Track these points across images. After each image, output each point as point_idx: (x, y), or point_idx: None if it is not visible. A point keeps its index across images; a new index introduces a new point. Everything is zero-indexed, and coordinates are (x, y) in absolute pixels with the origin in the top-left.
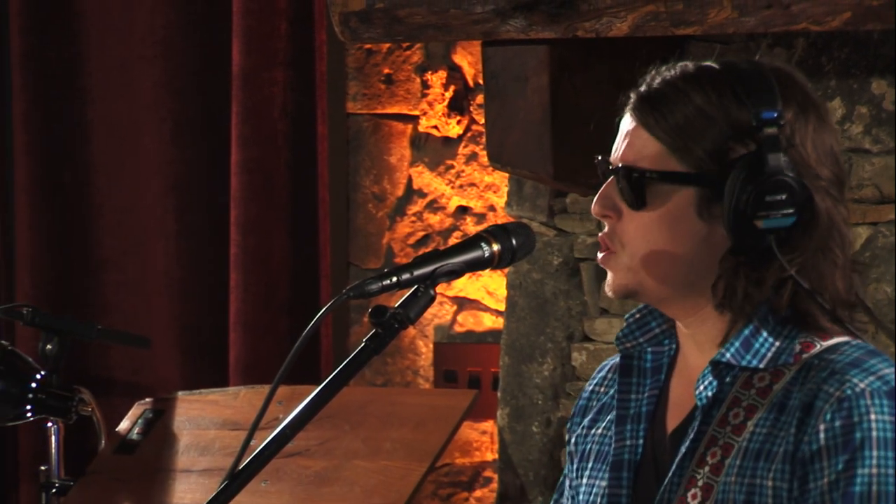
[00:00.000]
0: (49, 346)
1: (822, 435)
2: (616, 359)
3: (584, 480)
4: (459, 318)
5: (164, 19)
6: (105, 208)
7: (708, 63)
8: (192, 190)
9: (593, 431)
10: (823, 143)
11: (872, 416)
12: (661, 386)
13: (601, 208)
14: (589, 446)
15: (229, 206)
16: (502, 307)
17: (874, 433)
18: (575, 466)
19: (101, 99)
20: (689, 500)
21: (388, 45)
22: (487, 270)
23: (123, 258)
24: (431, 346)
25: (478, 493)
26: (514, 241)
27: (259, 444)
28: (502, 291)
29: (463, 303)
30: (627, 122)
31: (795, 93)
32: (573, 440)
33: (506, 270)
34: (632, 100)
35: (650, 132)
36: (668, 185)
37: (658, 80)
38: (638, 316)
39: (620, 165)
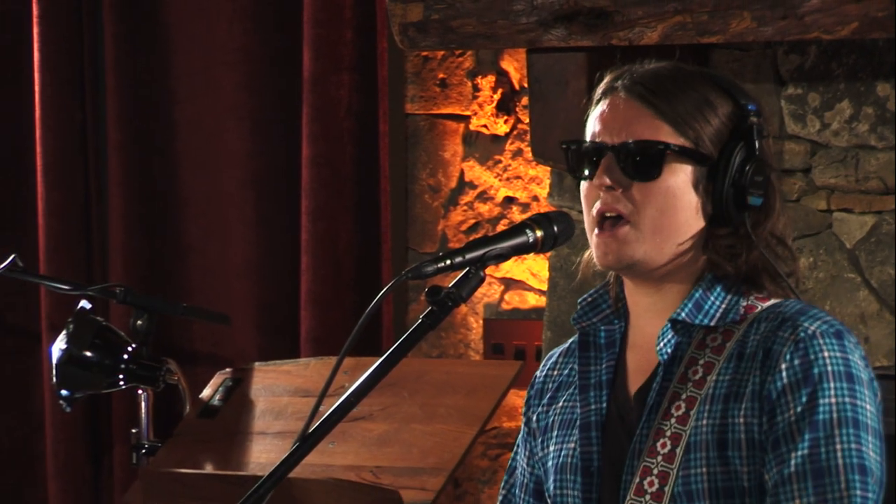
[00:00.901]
0: (139, 322)
1: (784, 374)
2: (563, 346)
3: (551, 448)
4: (506, 296)
5: (241, 28)
6: (190, 199)
7: (688, 65)
8: (267, 182)
9: (553, 407)
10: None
11: (826, 354)
12: (617, 358)
13: (610, 180)
14: (551, 419)
15: (300, 196)
16: (545, 287)
17: (829, 368)
18: (539, 441)
19: (186, 100)
20: (659, 448)
21: (442, 52)
22: (531, 254)
23: (206, 243)
24: (481, 321)
25: None
26: (555, 228)
27: (327, 409)
28: (545, 273)
29: (509, 283)
30: (622, 105)
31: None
32: (534, 418)
33: (548, 254)
34: (627, 84)
35: (658, 114)
36: (677, 161)
37: (650, 70)
38: (590, 299)
39: (633, 140)
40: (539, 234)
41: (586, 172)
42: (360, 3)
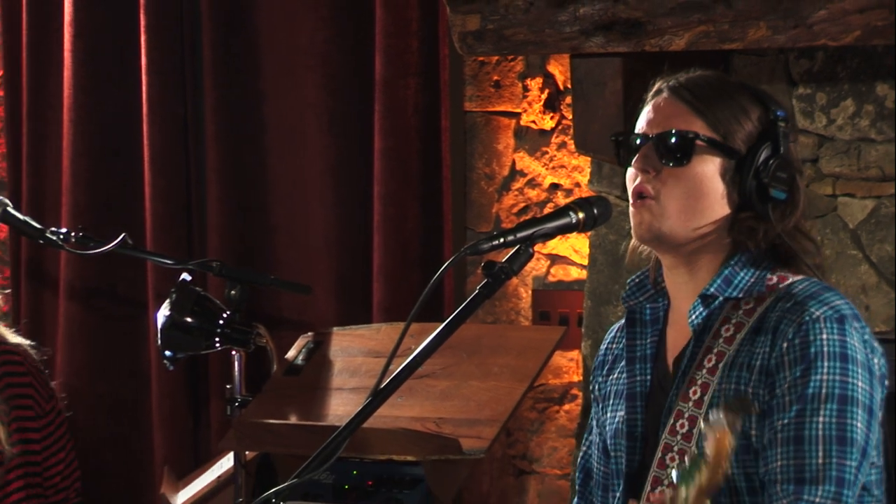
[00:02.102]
0: (233, 292)
1: (785, 351)
2: (621, 322)
3: (608, 415)
4: (552, 270)
5: (322, 36)
6: (276, 184)
7: (729, 77)
8: (344, 170)
9: (611, 378)
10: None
11: (824, 336)
12: (660, 334)
13: (644, 164)
14: (609, 389)
15: (373, 183)
16: (585, 262)
17: (825, 348)
18: (600, 407)
19: (273, 97)
20: (691, 395)
21: (496, 57)
22: (574, 233)
23: (291, 223)
24: (530, 292)
25: (566, 406)
26: (595, 211)
27: (396, 368)
28: (585, 249)
29: (555, 258)
30: (664, 104)
31: (782, 104)
32: (596, 388)
33: (588, 233)
34: (673, 86)
35: (694, 111)
36: (707, 151)
37: (694, 76)
38: (637, 281)
39: (668, 130)
40: (581, 215)
41: (628, 157)
42: (425, 15)
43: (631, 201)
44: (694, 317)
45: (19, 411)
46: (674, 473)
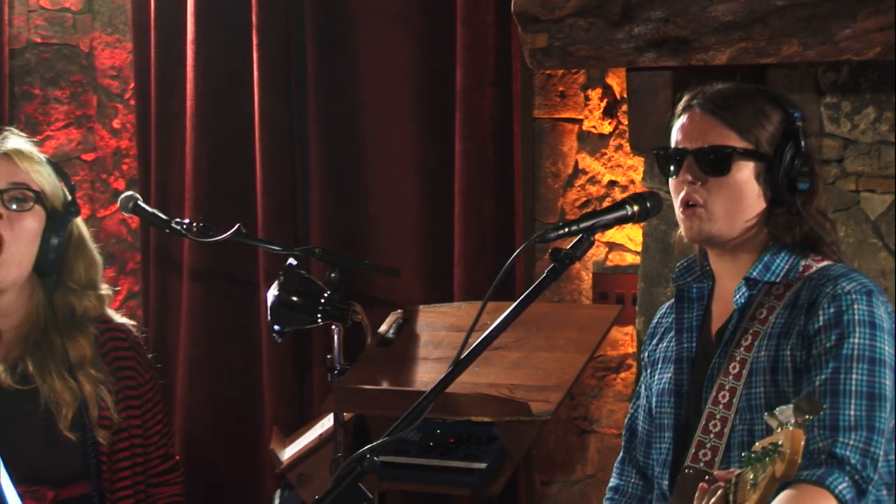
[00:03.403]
0: (333, 275)
1: (821, 318)
2: (671, 301)
3: (656, 378)
4: (610, 256)
5: (410, 53)
6: (371, 181)
7: (745, 83)
8: (429, 169)
9: (660, 346)
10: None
11: (855, 306)
12: (705, 308)
13: (690, 176)
14: (658, 356)
15: (454, 180)
16: (639, 249)
17: (856, 316)
18: (648, 372)
19: (368, 106)
20: (731, 370)
21: (561, 70)
22: (629, 224)
23: (383, 215)
24: (591, 275)
25: (622, 374)
26: (647, 204)
27: (474, 341)
28: (639, 238)
29: (612, 246)
30: (698, 119)
31: (797, 105)
32: (646, 356)
33: (641, 224)
34: (701, 102)
35: (726, 124)
36: (742, 159)
37: (719, 89)
38: (685, 264)
39: (708, 146)
40: (635, 208)
41: (672, 170)
42: (500, 34)
43: (680, 209)
44: (738, 296)
45: (124, 381)
46: (743, 455)
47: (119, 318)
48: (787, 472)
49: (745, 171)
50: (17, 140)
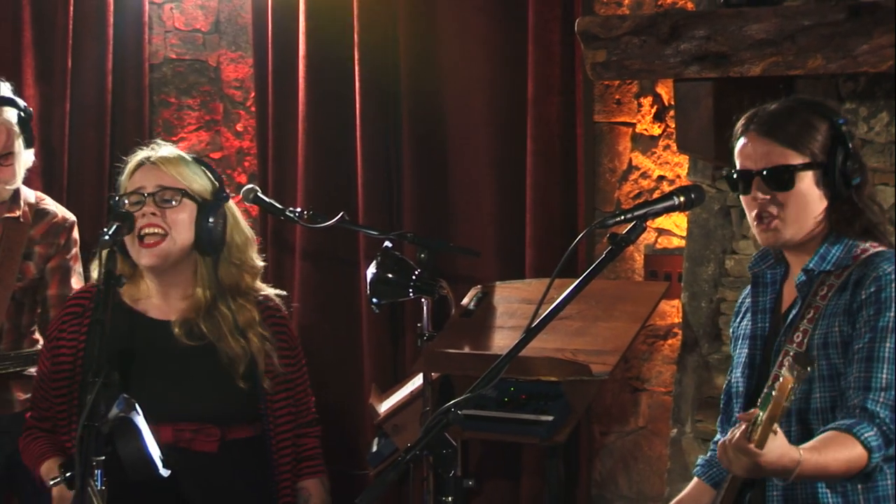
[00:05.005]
0: (422, 255)
1: (863, 296)
2: (749, 286)
3: (737, 352)
4: (659, 239)
5: (489, 66)
6: (455, 175)
7: (791, 99)
8: (504, 165)
9: (742, 324)
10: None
11: (894, 286)
12: (777, 292)
13: (763, 193)
14: (739, 332)
15: (526, 175)
16: (684, 234)
17: (893, 294)
18: (732, 345)
19: (453, 112)
20: (795, 339)
21: (618, 81)
22: (676, 213)
23: (465, 204)
24: (642, 256)
25: (669, 341)
26: (692, 196)
27: (543, 312)
28: (684, 224)
29: (661, 231)
30: (757, 141)
31: (840, 112)
32: (732, 333)
33: (687, 213)
34: (756, 126)
35: (783, 144)
36: (802, 172)
37: (770, 111)
38: (760, 254)
39: (772, 167)
40: (682, 199)
41: (742, 188)
42: (565, 50)
43: (755, 222)
44: (798, 283)
45: (281, 343)
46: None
47: (269, 289)
48: (773, 412)
49: (807, 181)
50: (164, 149)
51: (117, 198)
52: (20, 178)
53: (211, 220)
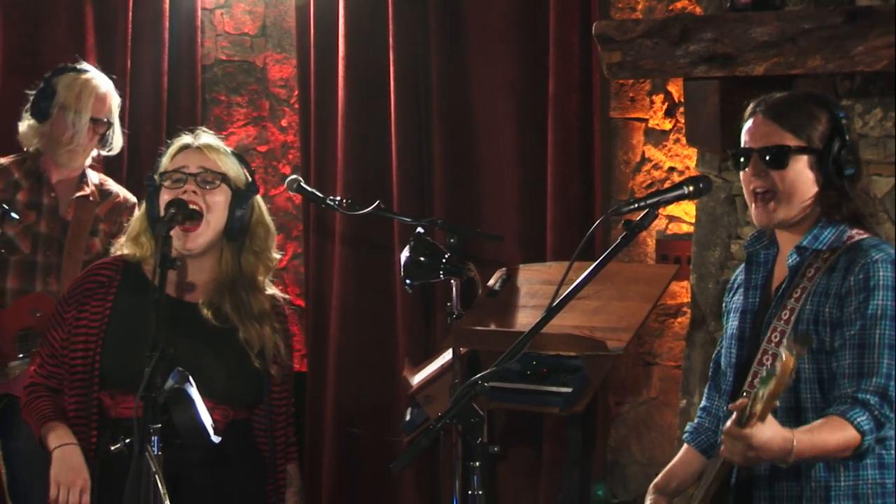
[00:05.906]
0: (451, 240)
1: (852, 282)
2: (743, 265)
3: (728, 325)
4: (669, 225)
5: (512, 66)
6: (482, 166)
7: (799, 90)
8: (527, 157)
9: (733, 299)
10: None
11: (881, 273)
12: (769, 271)
13: (757, 170)
14: (731, 307)
15: (547, 165)
16: (692, 220)
17: (881, 281)
18: (725, 320)
19: (480, 108)
20: (783, 316)
21: (632, 80)
22: (685, 201)
23: (491, 193)
24: (654, 241)
25: (679, 319)
26: (700, 185)
27: (563, 292)
28: (693, 211)
29: (672, 218)
30: (761, 123)
31: (841, 106)
32: (725, 307)
33: (695, 201)
34: (763, 109)
35: (783, 127)
36: (798, 154)
37: (778, 98)
38: (756, 234)
39: (769, 146)
40: (690, 188)
41: (741, 164)
42: (583, 51)
43: (751, 197)
44: (790, 261)
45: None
46: (759, 377)
47: (275, 290)
48: (775, 390)
49: (801, 163)
50: (206, 136)
51: (154, 176)
52: (88, 157)
53: (242, 208)
